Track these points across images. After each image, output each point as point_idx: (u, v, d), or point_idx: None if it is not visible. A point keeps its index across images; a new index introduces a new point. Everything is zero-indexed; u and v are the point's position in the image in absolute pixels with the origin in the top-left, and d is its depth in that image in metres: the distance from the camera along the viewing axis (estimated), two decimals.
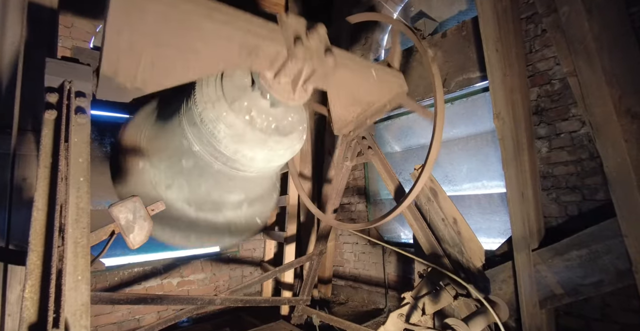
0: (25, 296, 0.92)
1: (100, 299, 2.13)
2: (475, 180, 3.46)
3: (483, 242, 2.68)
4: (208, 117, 1.58)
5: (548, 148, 2.70)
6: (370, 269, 4.23)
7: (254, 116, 1.61)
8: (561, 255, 2.33)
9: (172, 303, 2.50)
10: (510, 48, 2.63)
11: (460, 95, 3.46)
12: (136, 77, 1.29)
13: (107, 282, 3.47)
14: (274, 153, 1.70)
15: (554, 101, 2.68)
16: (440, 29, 3.76)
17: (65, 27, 3.39)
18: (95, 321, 3.35)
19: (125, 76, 1.27)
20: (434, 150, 2.11)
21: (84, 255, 1.04)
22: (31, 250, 0.98)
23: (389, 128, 4.36)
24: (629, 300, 2.26)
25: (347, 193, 4.60)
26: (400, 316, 2.25)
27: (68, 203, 1.08)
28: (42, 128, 1.20)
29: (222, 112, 1.56)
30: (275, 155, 1.72)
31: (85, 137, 1.23)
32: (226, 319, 3.93)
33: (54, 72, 1.29)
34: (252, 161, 1.71)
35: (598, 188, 2.44)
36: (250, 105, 1.61)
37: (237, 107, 1.58)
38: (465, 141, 3.54)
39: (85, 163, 1.18)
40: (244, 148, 1.62)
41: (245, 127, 1.58)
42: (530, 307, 2.43)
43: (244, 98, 1.59)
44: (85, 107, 1.28)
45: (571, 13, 2.20)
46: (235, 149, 1.63)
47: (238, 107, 1.58)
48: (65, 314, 0.92)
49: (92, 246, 1.31)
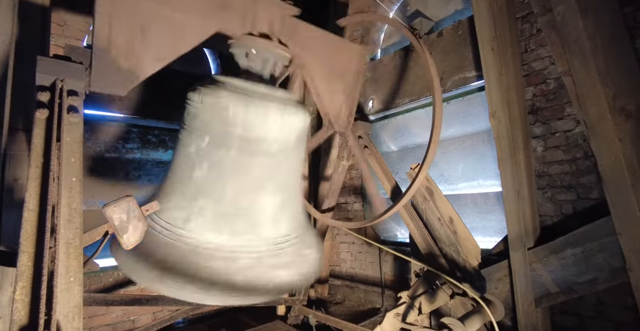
0: (15, 298, 0.90)
1: (94, 300, 2.11)
2: (471, 179, 3.47)
3: (479, 240, 2.69)
4: (208, 101, 1.56)
5: (543, 147, 2.71)
6: (367, 268, 4.23)
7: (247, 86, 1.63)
8: (556, 254, 2.35)
9: (167, 303, 2.48)
10: (506, 47, 2.63)
11: (456, 94, 3.47)
12: (128, 50, 1.36)
13: (102, 283, 3.43)
14: (282, 110, 1.62)
15: (549, 100, 2.69)
16: (436, 28, 3.77)
17: (57, 25, 3.35)
18: (90, 323, 3.32)
19: (118, 48, 1.34)
20: (431, 150, 2.12)
21: (76, 256, 1.02)
22: (22, 252, 0.97)
23: (385, 128, 4.36)
24: (623, 297, 2.28)
25: (343, 192, 4.60)
26: (397, 315, 2.26)
27: (60, 203, 1.06)
28: (33, 128, 1.18)
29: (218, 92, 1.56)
30: (284, 112, 1.62)
31: (77, 137, 1.22)
32: (222, 319, 3.91)
33: (45, 70, 1.28)
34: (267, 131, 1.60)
35: (592, 187, 2.46)
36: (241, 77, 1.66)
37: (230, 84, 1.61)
38: (461, 140, 3.55)
39: (78, 163, 1.17)
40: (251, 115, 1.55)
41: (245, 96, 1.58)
42: (526, 306, 2.44)
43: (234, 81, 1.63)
44: (78, 106, 1.27)
45: (566, 13, 2.21)
46: (244, 120, 1.54)
47: (230, 83, 1.61)
48: (57, 316, 0.91)
49: (86, 247, 1.29)
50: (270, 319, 3.46)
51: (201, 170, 1.57)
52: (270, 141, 1.62)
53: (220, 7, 1.59)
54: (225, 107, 1.53)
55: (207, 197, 1.57)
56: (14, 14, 1.73)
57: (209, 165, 1.57)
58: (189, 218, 1.54)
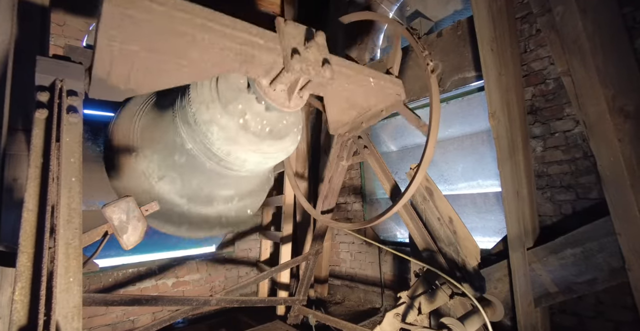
0: (15, 298, 0.90)
1: (93, 300, 2.11)
2: (471, 179, 3.47)
3: (478, 240, 2.69)
4: (202, 118, 1.56)
5: (543, 148, 2.71)
6: (367, 268, 4.23)
7: (248, 119, 1.59)
8: (556, 254, 2.35)
9: (167, 304, 2.48)
10: (505, 48, 2.64)
11: (455, 94, 3.47)
12: (129, 79, 1.29)
13: (101, 283, 3.43)
14: (267, 155, 1.70)
15: (549, 100, 2.69)
16: (435, 29, 3.77)
17: (57, 25, 3.35)
18: (89, 323, 3.31)
19: (117, 78, 1.27)
20: (429, 149, 2.12)
21: (76, 257, 1.02)
22: (21, 252, 0.97)
23: (384, 128, 4.36)
24: (622, 297, 2.28)
25: (343, 192, 4.60)
26: (397, 315, 2.26)
27: (59, 203, 1.06)
28: (32, 128, 1.18)
29: (216, 114, 1.55)
30: (269, 157, 1.73)
31: (77, 137, 1.21)
32: (222, 320, 3.91)
33: (45, 70, 1.27)
34: (244, 163, 1.71)
35: (592, 187, 2.46)
36: (245, 108, 1.58)
37: (232, 110, 1.56)
38: (461, 140, 3.56)
39: (77, 163, 1.17)
40: (237, 150, 1.61)
41: (238, 131, 1.57)
42: (525, 306, 2.44)
43: (238, 101, 1.57)
44: (77, 106, 1.26)
45: (565, 13, 2.21)
46: (228, 151, 1.62)
47: (232, 110, 1.56)
48: (57, 316, 0.90)
49: (86, 247, 1.29)
50: (269, 319, 3.46)
51: (180, 159, 1.83)
52: (244, 169, 1.85)
53: (244, 61, 1.37)
54: (213, 134, 1.62)
55: (180, 175, 1.86)
56: (13, 13, 1.72)
57: (187, 161, 1.81)
58: (164, 177, 1.87)
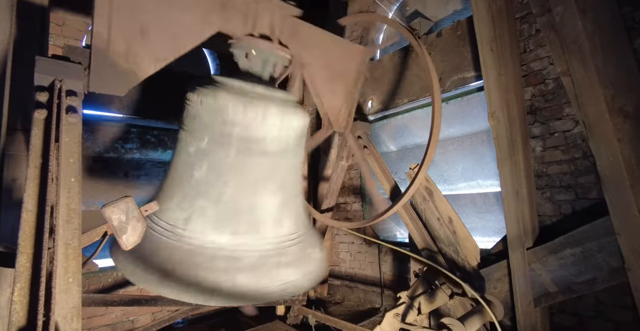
0: (14, 299, 0.90)
1: (93, 301, 2.11)
2: (471, 179, 3.47)
3: (478, 240, 2.69)
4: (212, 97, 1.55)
5: (542, 148, 2.72)
6: (366, 268, 4.23)
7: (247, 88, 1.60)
8: (555, 254, 2.35)
9: (166, 304, 2.48)
10: (505, 48, 2.64)
11: (455, 94, 3.47)
12: (128, 50, 1.36)
13: (101, 284, 3.43)
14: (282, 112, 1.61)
15: (548, 100, 2.70)
16: (435, 29, 3.77)
17: (56, 25, 3.34)
18: (89, 323, 3.31)
19: (117, 48, 1.33)
20: (430, 150, 2.12)
21: (75, 257, 1.02)
22: (20, 252, 0.96)
23: (384, 128, 4.36)
24: (622, 297, 2.28)
25: (342, 192, 4.60)
26: (396, 315, 2.26)
27: (59, 204, 1.06)
28: (32, 128, 1.18)
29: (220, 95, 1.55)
30: (284, 113, 1.62)
31: (76, 137, 1.21)
32: (222, 319, 3.91)
33: (44, 70, 1.27)
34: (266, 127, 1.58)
35: (591, 187, 2.46)
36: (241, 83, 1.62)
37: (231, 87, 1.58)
38: (461, 140, 3.56)
39: (77, 164, 1.16)
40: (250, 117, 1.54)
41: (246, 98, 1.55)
42: (525, 305, 2.44)
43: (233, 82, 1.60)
44: (77, 106, 1.26)
45: (565, 13, 2.21)
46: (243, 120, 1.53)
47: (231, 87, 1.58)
48: (56, 317, 0.90)
49: (85, 247, 1.29)
50: (269, 319, 3.46)
51: (201, 170, 1.55)
52: (269, 141, 1.61)
53: (221, 7, 1.59)
54: (224, 108, 1.52)
55: (207, 197, 1.54)
56: (12, 13, 1.72)
57: (209, 166, 1.55)
58: (190, 218, 1.52)
